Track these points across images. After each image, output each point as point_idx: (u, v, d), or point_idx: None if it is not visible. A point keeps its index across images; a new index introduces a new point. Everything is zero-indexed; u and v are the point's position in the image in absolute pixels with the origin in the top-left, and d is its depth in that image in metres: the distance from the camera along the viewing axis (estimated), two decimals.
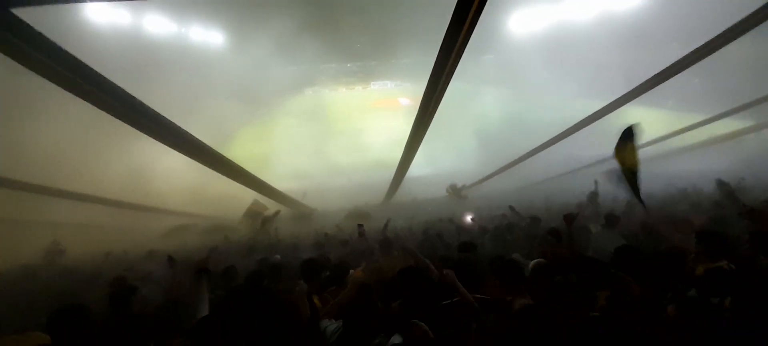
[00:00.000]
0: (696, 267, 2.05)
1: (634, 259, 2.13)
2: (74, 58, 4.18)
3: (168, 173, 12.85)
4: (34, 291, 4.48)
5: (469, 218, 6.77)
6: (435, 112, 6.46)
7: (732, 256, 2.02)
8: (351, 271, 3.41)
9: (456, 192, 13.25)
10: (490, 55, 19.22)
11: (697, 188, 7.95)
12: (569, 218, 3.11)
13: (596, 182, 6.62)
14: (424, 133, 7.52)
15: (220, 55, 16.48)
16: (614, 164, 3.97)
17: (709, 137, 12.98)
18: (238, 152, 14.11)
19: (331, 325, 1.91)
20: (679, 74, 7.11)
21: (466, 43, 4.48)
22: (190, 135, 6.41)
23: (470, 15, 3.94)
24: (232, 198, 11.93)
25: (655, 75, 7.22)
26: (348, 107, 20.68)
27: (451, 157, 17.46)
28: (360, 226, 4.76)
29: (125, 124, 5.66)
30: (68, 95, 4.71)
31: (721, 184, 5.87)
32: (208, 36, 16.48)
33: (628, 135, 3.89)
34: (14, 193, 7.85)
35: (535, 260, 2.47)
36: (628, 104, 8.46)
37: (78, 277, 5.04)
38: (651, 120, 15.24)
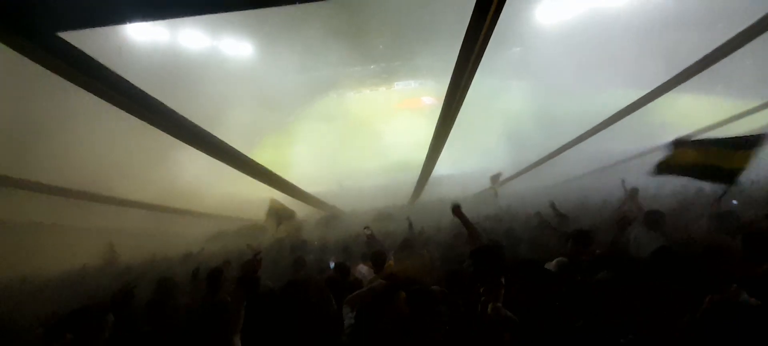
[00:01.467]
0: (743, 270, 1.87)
1: (674, 262, 1.96)
2: (117, 76, 4.51)
3: (205, 178, 13.55)
4: (91, 292, 4.88)
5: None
6: (459, 109, 6.34)
7: None
8: (389, 261, 3.49)
9: (495, 182, 12.56)
10: (518, 47, 18.62)
11: (752, 181, 7.25)
12: (623, 223, 2.92)
13: (622, 181, 6.25)
14: (449, 132, 7.40)
15: (249, 65, 17.16)
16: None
17: (766, 124, 11.84)
18: (266, 157, 14.60)
19: (349, 312, 1.95)
20: (729, 57, 6.55)
21: (490, 36, 4.36)
22: (223, 142, 6.72)
23: (493, 5, 3.82)
24: (264, 202, 12.40)
25: (699, 60, 6.68)
26: (372, 109, 20.79)
27: (479, 155, 17.04)
28: (367, 228, 4.88)
29: (164, 134, 6.05)
30: (113, 109, 5.12)
31: None
32: (238, 47, 17.21)
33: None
34: (69, 201, 8.59)
35: (558, 259, 2.37)
36: (671, 92, 7.89)
37: (130, 279, 5.41)
38: (698, 108, 14.22)
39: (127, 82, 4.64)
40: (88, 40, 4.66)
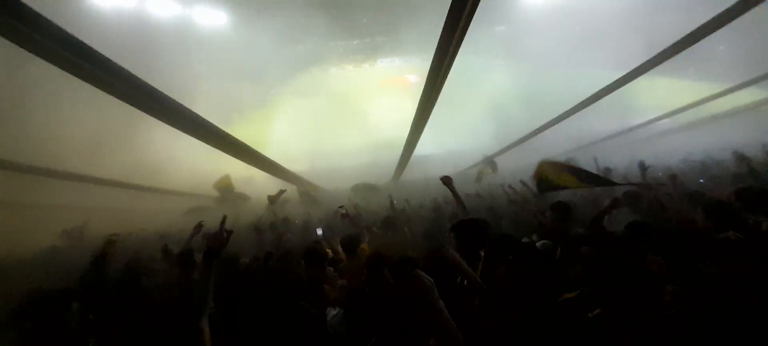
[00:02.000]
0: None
1: (647, 235, 2.07)
2: (79, 42, 4.17)
3: (181, 155, 13.08)
4: (62, 273, 4.69)
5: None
6: (442, 87, 6.30)
7: (741, 227, 1.94)
8: (363, 245, 3.48)
9: (490, 166, 12.34)
10: (502, 26, 18.53)
11: (717, 161, 7.66)
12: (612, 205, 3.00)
13: (595, 159, 6.48)
14: (432, 110, 7.37)
15: (225, 36, 16.37)
16: None
17: (732, 107, 12.42)
18: (245, 132, 14.18)
19: (332, 312, 1.94)
20: (702, 42, 6.72)
21: (473, 14, 4.29)
22: (198, 116, 6.43)
23: None
24: (245, 180, 12.16)
25: (674, 43, 6.83)
26: (355, 85, 20.40)
27: (463, 134, 17.17)
28: (341, 207, 4.85)
29: (137, 110, 5.73)
30: (79, 82, 4.77)
31: (738, 156, 5.61)
32: (212, 16, 16.32)
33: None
34: (33, 178, 8.12)
35: (542, 242, 2.43)
36: (646, 74, 8.08)
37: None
38: (671, 90, 14.73)
39: (92, 49, 4.31)
40: (46, 4, 4.28)
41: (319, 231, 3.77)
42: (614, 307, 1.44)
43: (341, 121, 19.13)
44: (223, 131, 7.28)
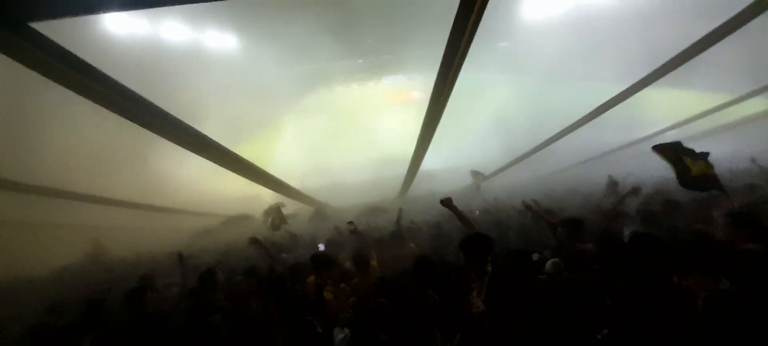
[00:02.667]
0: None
1: (654, 246, 2.03)
2: (95, 69, 4.34)
3: (192, 175, 13.27)
4: (75, 291, 4.73)
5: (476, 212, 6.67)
6: (446, 103, 6.35)
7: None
8: (372, 262, 3.47)
9: (477, 179, 12.83)
10: (506, 42, 18.74)
11: (730, 170, 7.52)
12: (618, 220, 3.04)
13: (609, 176, 6.43)
14: (436, 126, 7.42)
15: (234, 58, 16.82)
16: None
17: (741, 117, 12.29)
18: (254, 152, 14.38)
19: (339, 333, 1.93)
20: (707, 53, 6.72)
21: (476, 30, 4.37)
22: (208, 138, 6.57)
23: (478, 1, 3.83)
24: (253, 198, 12.26)
25: (677, 54, 6.85)
26: (361, 103, 20.71)
27: (470, 149, 17.17)
28: (350, 223, 4.88)
29: (145, 131, 5.88)
30: (91, 104, 4.94)
31: (755, 163, 5.50)
32: (222, 40, 16.83)
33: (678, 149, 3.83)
34: (41, 198, 8.30)
35: (552, 261, 2.40)
36: (652, 86, 8.06)
37: (116, 275, 5.28)
38: (677, 102, 14.63)
39: (106, 75, 4.48)
40: (63, 32, 4.48)
41: (321, 246, 3.80)
42: (621, 325, 1.40)
43: (347, 139, 19.33)
44: (231, 151, 7.40)
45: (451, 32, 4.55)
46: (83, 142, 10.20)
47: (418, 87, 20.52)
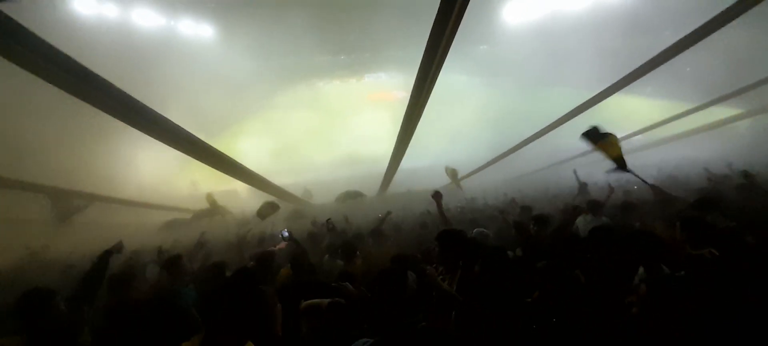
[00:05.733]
0: (681, 253, 2.10)
1: (610, 238, 2.22)
2: (59, 52, 4.10)
3: (161, 168, 12.75)
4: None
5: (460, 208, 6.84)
6: (426, 102, 6.45)
7: (716, 243, 2.05)
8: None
9: (454, 177, 13.03)
10: (485, 45, 19.17)
11: (686, 175, 8.06)
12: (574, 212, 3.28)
13: (574, 171, 6.81)
14: (416, 125, 7.51)
15: (210, 49, 16.30)
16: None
17: (701, 125, 13.16)
18: (231, 146, 14.03)
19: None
20: (670, 63, 7.16)
21: (455, 32, 4.47)
22: (183, 129, 6.35)
23: (458, 3, 3.92)
24: (228, 193, 11.94)
25: (642, 64, 7.27)
26: (342, 100, 20.59)
27: (448, 149, 17.45)
28: (328, 220, 4.89)
29: (116, 120, 5.60)
30: (54, 90, 4.65)
31: (707, 172, 6.00)
32: (198, 29, 16.26)
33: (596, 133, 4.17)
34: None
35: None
36: (618, 93, 8.50)
37: (66, 272, 4.96)
38: (642, 109, 15.51)
39: (70, 58, 4.23)
40: (25, 12, 4.21)
41: (285, 232, 3.77)
42: (574, 312, 1.51)
43: (327, 136, 19.18)
44: (207, 144, 7.19)
45: (431, 32, 4.63)
46: (45, 131, 9.54)
47: (400, 86, 20.59)
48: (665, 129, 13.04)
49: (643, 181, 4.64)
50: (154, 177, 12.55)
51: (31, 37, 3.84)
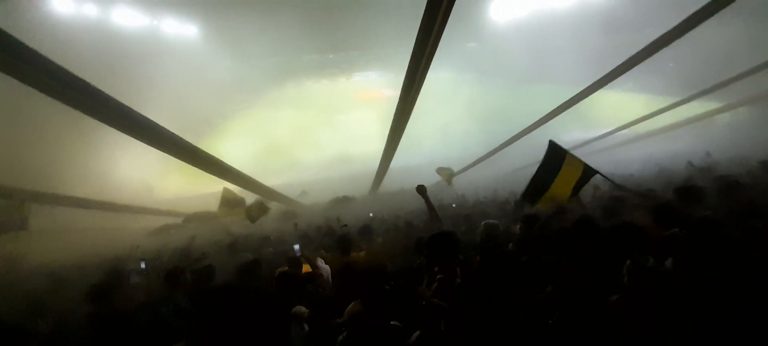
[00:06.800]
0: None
1: (592, 231, 2.29)
2: (36, 53, 3.97)
3: (148, 171, 12.48)
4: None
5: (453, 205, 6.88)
6: (415, 100, 6.47)
7: (686, 224, 2.12)
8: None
9: (448, 177, 12.98)
10: (473, 43, 19.28)
11: (670, 168, 8.25)
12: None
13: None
14: (406, 123, 7.54)
15: (195, 48, 15.98)
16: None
17: (684, 119, 13.52)
18: (219, 147, 13.83)
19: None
20: (652, 59, 7.34)
21: (443, 30, 4.49)
22: (167, 130, 6.23)
23: (445, 1, 3.94)
24: (216, 196, 11.74)
25: (625, 61, 7.42)
26: (331, 99, 20.45)
27: (439, 146, 17.51)
28: (344, 226, 4.89)
29: (99, 123, 5.47)
30: (33, 92, 4.50)
31: (690, 165, 6.16)
32: (182, 28, 15.93)
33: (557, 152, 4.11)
34: None
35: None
36: (602, 89, 8.67)
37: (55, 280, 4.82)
38: (625, 104, 15.84)
39: (49, 59, 4.10)
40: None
41: (297, 247, 3.69)
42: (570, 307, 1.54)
43: (317, 135, 19.04)
44: (193, 146, 7.08)
45: (419, 29, 4.65)
46: (28, 136, 9.23)
47: (389, 84, 20.54)
48: (648, 124, 13.36)
49: (612, 183, 4.61)
50: (139, 181, 12.28)
51: (5, 37, 3.71)
